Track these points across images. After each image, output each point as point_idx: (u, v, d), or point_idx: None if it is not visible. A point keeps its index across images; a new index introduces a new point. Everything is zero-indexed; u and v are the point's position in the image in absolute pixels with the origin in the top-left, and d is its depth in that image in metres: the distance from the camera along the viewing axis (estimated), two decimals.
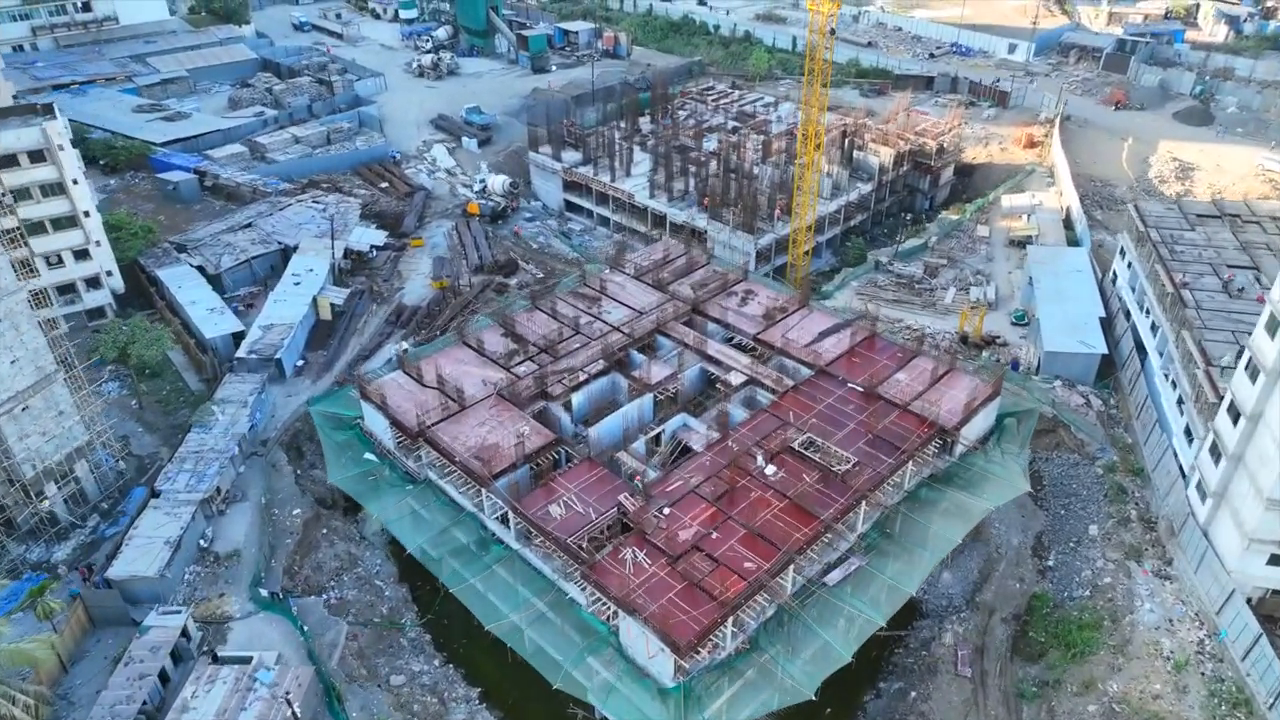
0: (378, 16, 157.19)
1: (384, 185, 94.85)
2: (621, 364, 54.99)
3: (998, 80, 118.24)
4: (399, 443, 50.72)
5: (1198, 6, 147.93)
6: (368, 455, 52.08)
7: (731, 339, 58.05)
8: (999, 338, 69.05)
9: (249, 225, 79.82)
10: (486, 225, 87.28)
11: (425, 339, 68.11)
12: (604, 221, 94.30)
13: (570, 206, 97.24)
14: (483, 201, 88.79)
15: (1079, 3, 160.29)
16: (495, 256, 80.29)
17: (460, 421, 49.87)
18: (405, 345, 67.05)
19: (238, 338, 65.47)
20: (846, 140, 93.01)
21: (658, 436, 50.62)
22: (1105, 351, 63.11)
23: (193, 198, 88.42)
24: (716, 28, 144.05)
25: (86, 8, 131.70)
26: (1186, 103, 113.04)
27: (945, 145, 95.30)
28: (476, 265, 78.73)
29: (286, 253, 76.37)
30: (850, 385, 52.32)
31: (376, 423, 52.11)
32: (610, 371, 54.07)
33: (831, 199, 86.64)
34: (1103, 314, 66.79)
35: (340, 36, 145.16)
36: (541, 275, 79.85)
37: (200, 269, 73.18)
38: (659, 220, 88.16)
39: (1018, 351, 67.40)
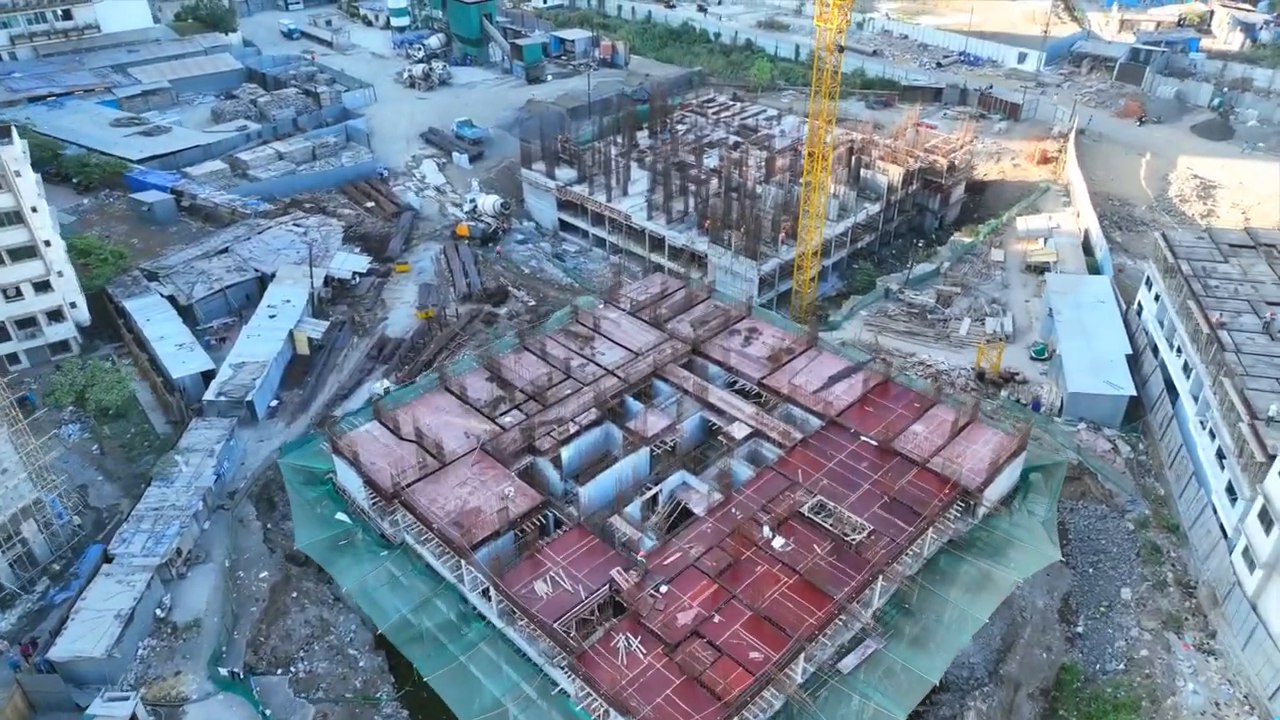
0: (370, 23, 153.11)
1: (370, 204, 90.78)
2: (615, 412, 50.93)
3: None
4: (373, 502, 46.64)
5: (1212, 14, 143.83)
6: (340, 516, 47.98)
7: (734, 383, 53.99)
8: (1018, 375, 64.96)
9: (225, 250, 75.70)
10: (476, 248, 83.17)
11: (408, 376, 64.05)
12: (600, 242, 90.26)
13: (565, 226, 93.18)
14: (472, 223, 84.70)
15: (1089, 9, 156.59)
16: (484, 283, 76.18)
17: (439, 481, 45.81)
18: (386, 384, 62.98)
19: (208, 376, 61.35)
20: (853, 157, 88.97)
21: (655, 497, 46.54)
22: (1134, 394, 59.02)
23: (168, 219, 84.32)
24: (717, 36, 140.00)
25: (67, 15, 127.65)
26: (1205, 115, 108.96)
27: (956, 163, 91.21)
28: (465, 293, 74.62)
29: (264, 281, 72.29)
30: (864, 439, 48.22)
31: (349, 479, 48.03)
32: (603, 421, 49.98)
33: (838, 220, 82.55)
34: (1129, 350, 62.74)
35: (330, 45, 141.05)
36: (533, 303, 75.80)
37: (171, 299, 69.07)
38: (657, 243, 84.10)
39: (1038, 390, 63.30)
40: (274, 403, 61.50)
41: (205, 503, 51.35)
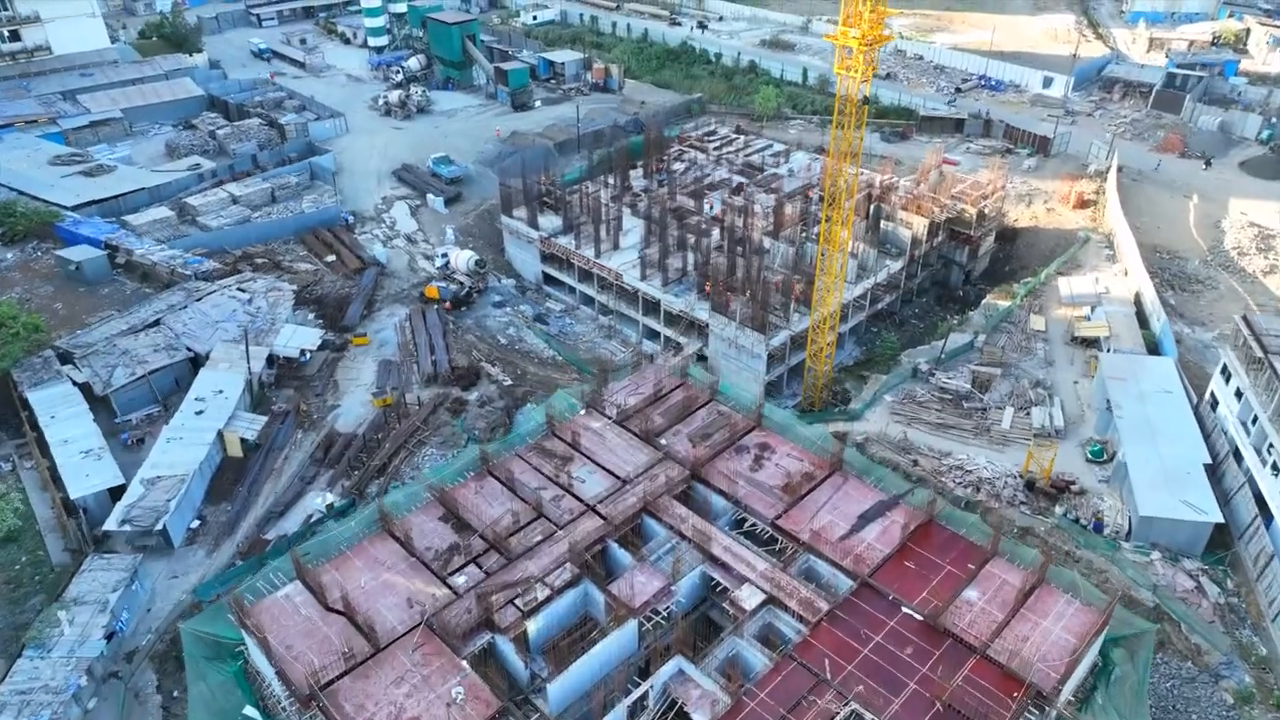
0: (347, 41, 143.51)
1: (331, 258, 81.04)
2: (596, 571, 41.25)
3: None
4: (289, 697, 36.97)
5: (1248, 32, 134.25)
6: (249, 712, 38.28)
7: (743, 522, 44.30)
8: (1074, 483, 55.24)
9: (156, 323, 66.00)
10: (448, 313, 73.46)
11: (357, 487, 54.38)
12: (588, 299, 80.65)
13: (549, 279, 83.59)
14: (443, 285, 74.93)
15: (1113, 26, 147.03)
16: (453, 360, 66.47)
17: (371, 675, 36.13)
18: (329, 498, 53.37)
19: (119, 491, 51.66)
20: (872, 206, 79.33)
21: (644, 695, 36.82)
22: (1220, 520, 49.36)
23: (101, 278, 74.63)
24: (718, 57, 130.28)
25: (15, 36, 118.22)
26: (1254, 150, 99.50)
27: (987, 211, 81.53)
28: (429, 374, 64.92)
29: (197, 362, 62.61)
30: (906, 610, 38.53)
31: (264, 661, 38.35)
32: (580, 580, 40.31)
33: (856, 281, 72.90)
34: (1207, 459, 53.10)
35: (302, 66, 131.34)
36: (509, 381, 66.12)
37: (86, 387, 59.39)
38: (652, 306, 74.48)
39: (1100, 505, 53.62)
40: (195, 523, 51.80)
41: (91, 675, 41.70)
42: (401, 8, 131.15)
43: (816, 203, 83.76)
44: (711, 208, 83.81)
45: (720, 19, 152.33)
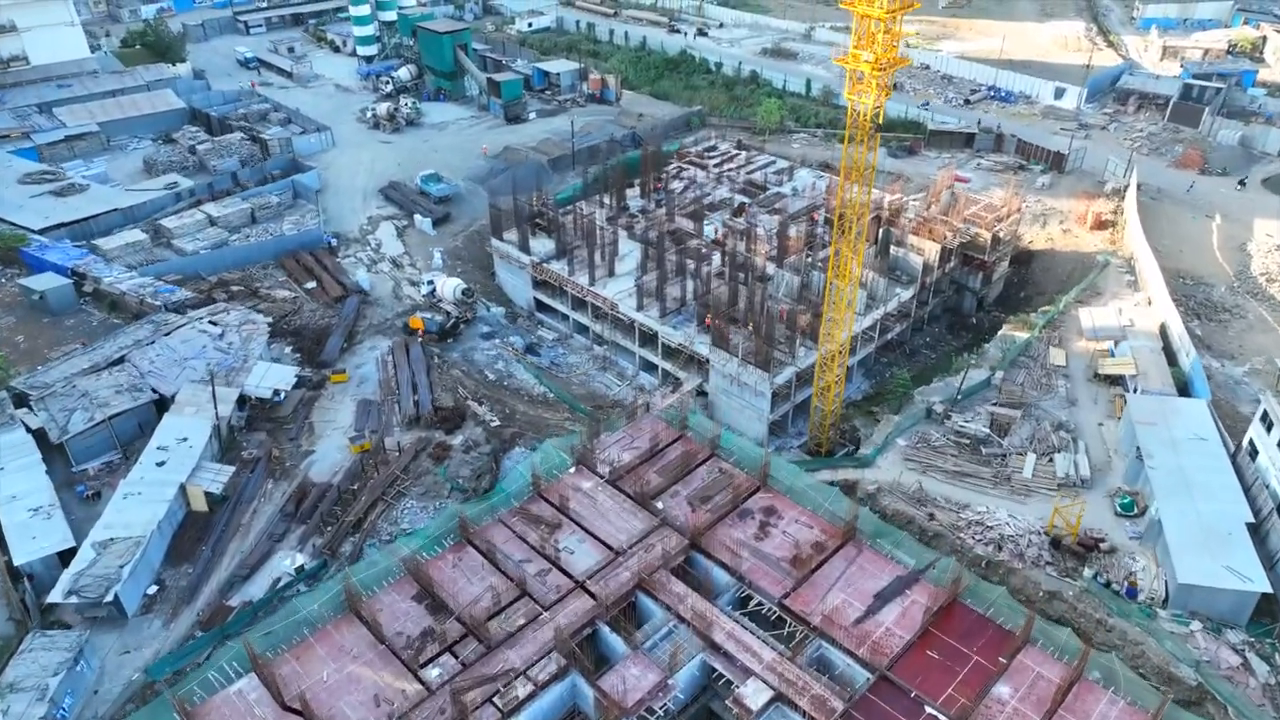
0: (337, 49, 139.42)
1: (311, 285, 76.98)
2: (584, 663, 37.18)
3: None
4: None
5: (1265, 40, 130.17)
6: None
7: (748, 600, 40.28)
8: (1103, 541, 51.15)
9: (121, 360, 61.97)
10: (433, 346, 69.43)
11: (329, 546, 50.33)
12: (582, 328, 76.63)
13: (542, 306, 79.57)
14: (428, 316, 70.85)
15: (1124, 33, 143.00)
16: (437, 399, 62.42)
17: None
18: (299, 559, 49.31)
19: (70, 554, 47.65)
20: (881, 230, 75.32)
21: None
22: (1268, 590, 45.33)
23: (65, 308, 70.62)
24: (718, 66, 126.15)
25: None
26: (1277, 166, 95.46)
27: (1002, 235, 77.46)
28: (412, 415, 60.86)
29: (163, 404, 58.57)
30: (930, 711, 34.50)
31: None
32: (568, 672, 36.28)
33: (865, 312, 68.86)
34: (1249, 518, 49.08)
35: (289, 75, 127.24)
36: (496, 422, 62.05)
37: (41, 433, 55.37)
38: (649, 338, 70.46)
39: (1132, 566, 49.59)
40: (152, 589, 47.75)
41: None
42: (391, 16, 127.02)
43: (822, 225, 79.88)
44: (717, 231, 79.84)
45: (720, 26, 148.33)
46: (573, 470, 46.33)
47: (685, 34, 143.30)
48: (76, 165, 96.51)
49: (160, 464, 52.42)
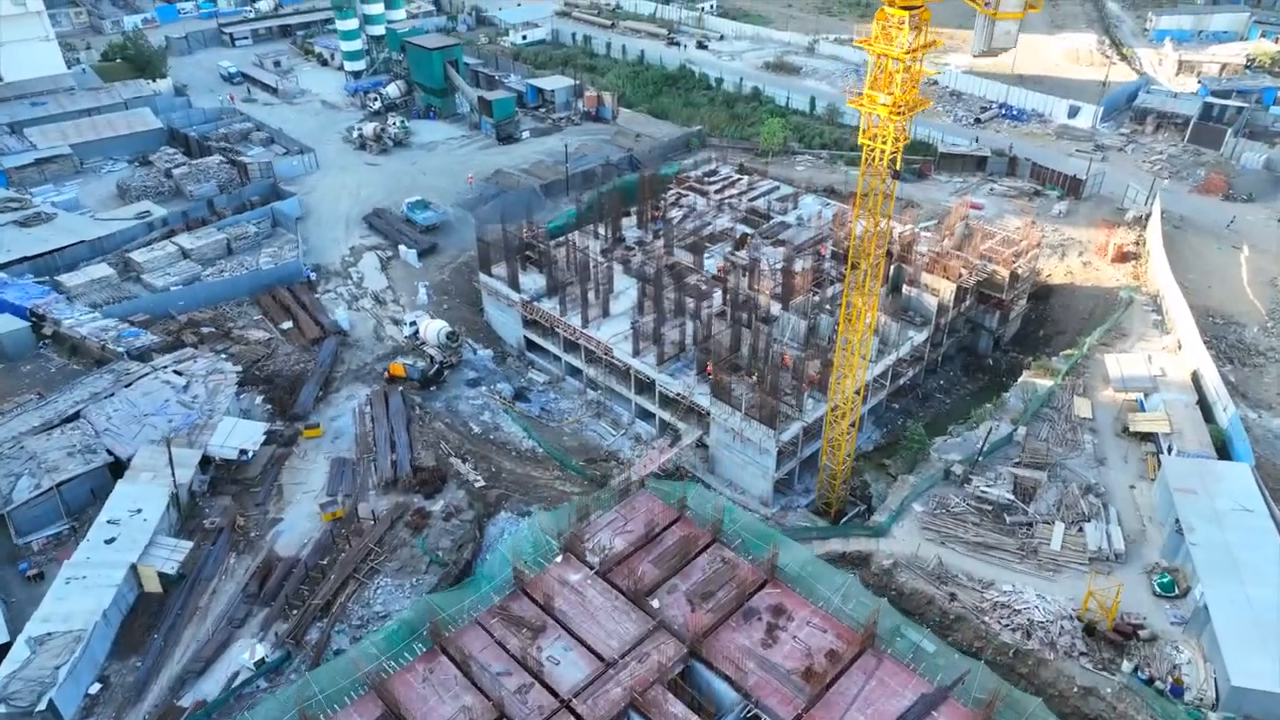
0: (325, 63, 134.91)
1: (287, 325, 72.50)
2: None
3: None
4: None
5: None
6: None
7: None
8: (1141, 627, 46.70)
9: (76, 415, 57.50)
10: (415, 394, 64.97)
11: (294, 634, 45.85)
12: (575, 370, 72.20)
13: (533, 345, 75.12)
14: (409, 364, 66.38)
15: (1137, 45, 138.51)
16: (417, 459, 57.92)
17: None
18: (260, 652, 44.83)
19: (4, 649, 43.19)
20: (893, 267, 70.85)
21: None
22: None
23: (22, 353, 66.22)
24: (719, 82, 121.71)
25: None
26: None
27: (1020, 271, 73.01)
28: (389, 478, 56.36)
29: (119, 467, 54.11)
30: None
31: None
32: None
33: (876, 358, 64.43)
34: None
35: (274, 91, 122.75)
36: (481, 482, 57.60)
37: None
38: (645, 385, 66.03)
39: (1176, 658, 45.11)
40: (95, 688, 43.28)
41: None
42: (379, 30, 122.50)
43: (829, 260, 75.46)
44: (718, 266, 75.46)
45: (721, 38, 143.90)
46: (559, 559, 41.83)
47: (684, 46, 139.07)
48: (46, 190, 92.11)
49: (110, 541, 47.93)
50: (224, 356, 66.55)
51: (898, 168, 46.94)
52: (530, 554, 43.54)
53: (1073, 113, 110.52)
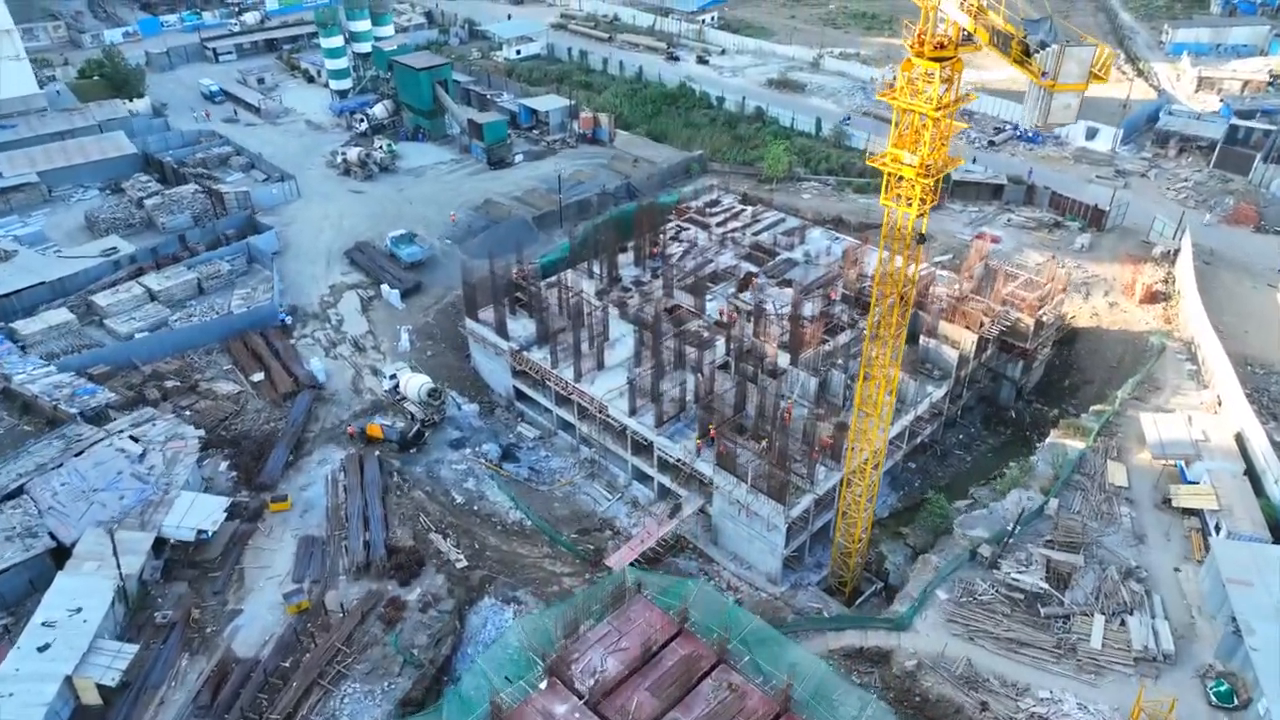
0: (311, 79, 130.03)
1: (258, 377, 67.55)
2: None
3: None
4: None
5: None
6: None
7: None
8: None
9: (19, 491, 52.52)
10: (393, 458, 60.03)
11: None
12: (567, 424, 67.27)
13: (522, 395, 70.19)
14: (387, 425, 61.42)
15: (1153, 58, 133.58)
16: (392, 539, 52.94)
17: None
18: None
19: None
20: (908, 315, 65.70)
21: None
22: None
23: None
24: (720, 101, 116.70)
25: None
26: None
27: (1045, 319, 68.08)
28: (361, 560, 51.38)
29: (63, 552, 49.13)
30: None
31: None
32: None
33: (894, 417, 59.33)
34: None
35: (257, 111, 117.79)
36: (464, 561, 52.65)
37: None
38: (643, 446, 61.08)
39: None
40: None
41: None
42: (366, 47, 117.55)
43: (841, 305, 70.48)
44: (722, 312, 70.62)
45: (722, 52, 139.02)
46: (543, 686, 36.84)
47: (682, 59, 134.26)
48: (11, 222, 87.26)
49: (43, 648, 42.91)
50: (188, 415, 61.70)
51: (923, 232, 42.00)
52: (510, 670, 38.57)
53: (1091, 135, 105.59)
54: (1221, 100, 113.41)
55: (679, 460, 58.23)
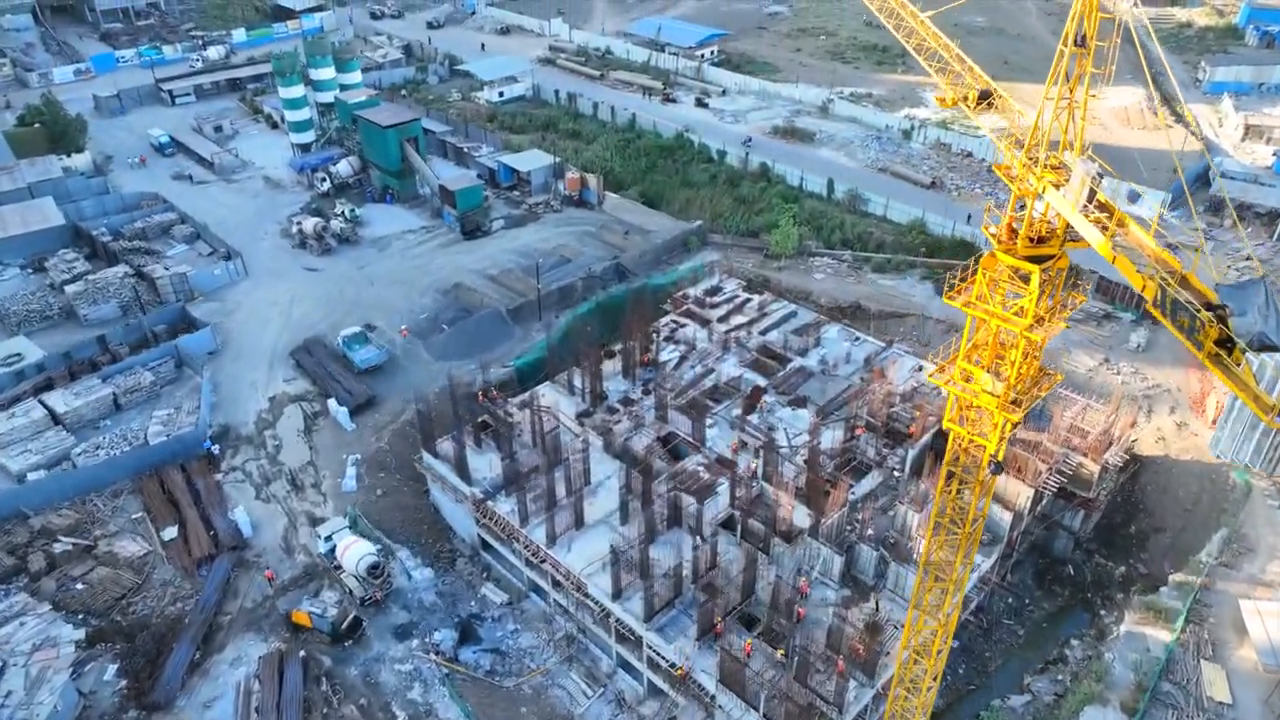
0: (275, 125, 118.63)
1: (171, 534, 56.43)
2: None
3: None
4: None
5: None
6: None
7: None
8: None
9: None
10: (324, 654, 48.89)
11: None
12: (538, 587, 56.24)
13: (488, 545, 59.18)
14: (316, 613, 50.25)
15: (1190, 100, 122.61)
16: None
17: None
18: None
19: None
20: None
21: None
22: None
23: None
24: (721, 155, 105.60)
25: None
26: None
27: (1110, 464, 57.01)
28: None
29: None
30: None
31: None
32: None
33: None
34: None
35: (211, 166, 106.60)
36: None
37: None
38: (628, 635, 49.98)
39: None
40: None
41: None
42: (329, 97, 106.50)
43: (865, 439, 59.40)
44: (731, 447, 59.65)
45: (723, 92, 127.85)
46: None
47: (680, 100, 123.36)
48: None
49: None
50: (77, 590, 50.67)
51: (1000, 460, 30.95)
52: None
53: (1133, 198, 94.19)
54: (1276, 155, 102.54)
55: (673, 666, 47.10)
